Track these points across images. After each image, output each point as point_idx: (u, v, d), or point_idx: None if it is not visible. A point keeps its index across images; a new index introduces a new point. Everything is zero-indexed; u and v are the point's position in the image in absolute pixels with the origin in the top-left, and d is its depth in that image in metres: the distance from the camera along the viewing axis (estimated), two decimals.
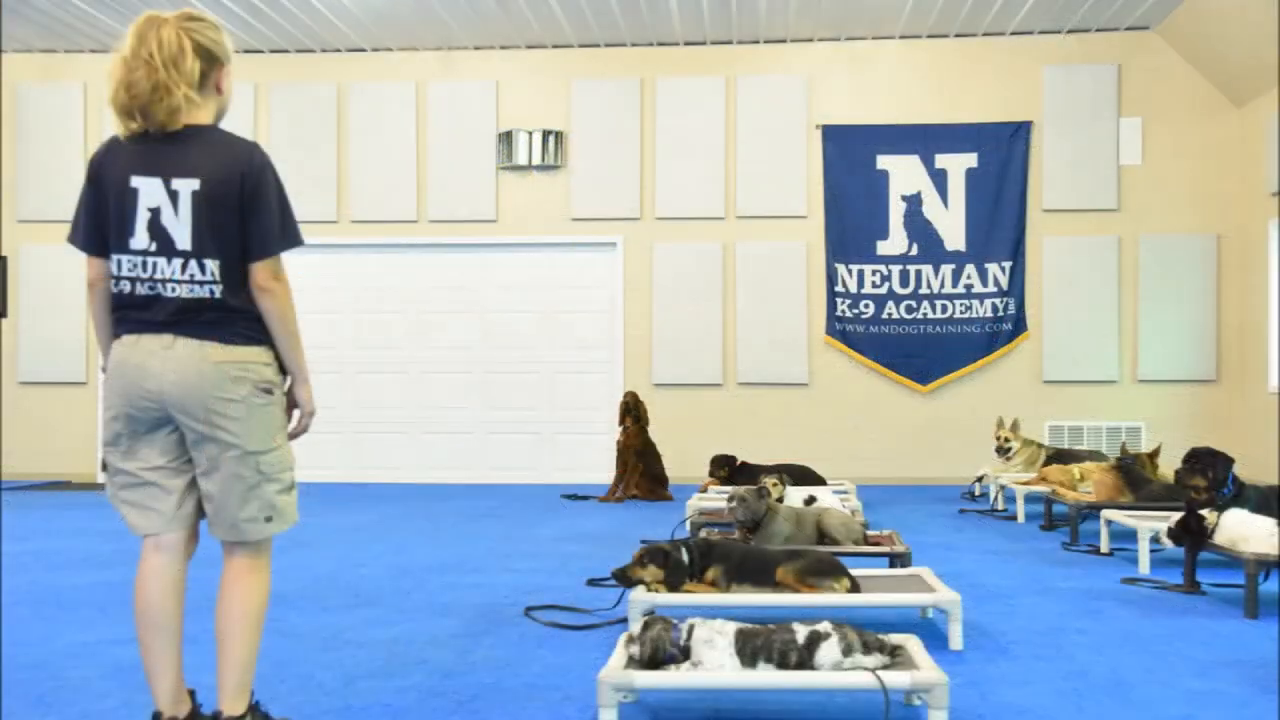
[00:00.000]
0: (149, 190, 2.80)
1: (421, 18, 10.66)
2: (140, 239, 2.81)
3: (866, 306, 11.05)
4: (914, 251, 11.04)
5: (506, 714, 3.40)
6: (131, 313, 2.85)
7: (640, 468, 9.61)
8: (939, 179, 11.03)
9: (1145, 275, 10.90)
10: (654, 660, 3.27)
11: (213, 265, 2.82)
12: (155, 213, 2.80)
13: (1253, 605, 4.76)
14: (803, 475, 8.38)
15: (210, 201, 2.81)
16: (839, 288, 11.08)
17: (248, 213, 2.83)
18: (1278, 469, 9.26)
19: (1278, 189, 9.99)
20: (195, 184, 2.80)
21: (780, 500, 6.40)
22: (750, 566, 4.48)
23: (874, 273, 11.07)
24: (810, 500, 6.44)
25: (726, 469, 8.83)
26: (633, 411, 9.67)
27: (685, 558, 4.47)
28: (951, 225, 11.02)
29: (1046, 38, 11.02)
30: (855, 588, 4.37)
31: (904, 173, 11.06)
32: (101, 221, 2.86)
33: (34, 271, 11.53)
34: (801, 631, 3.25)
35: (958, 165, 11.02)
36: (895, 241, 11.06)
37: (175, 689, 2.92)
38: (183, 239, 2.81)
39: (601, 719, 3.11)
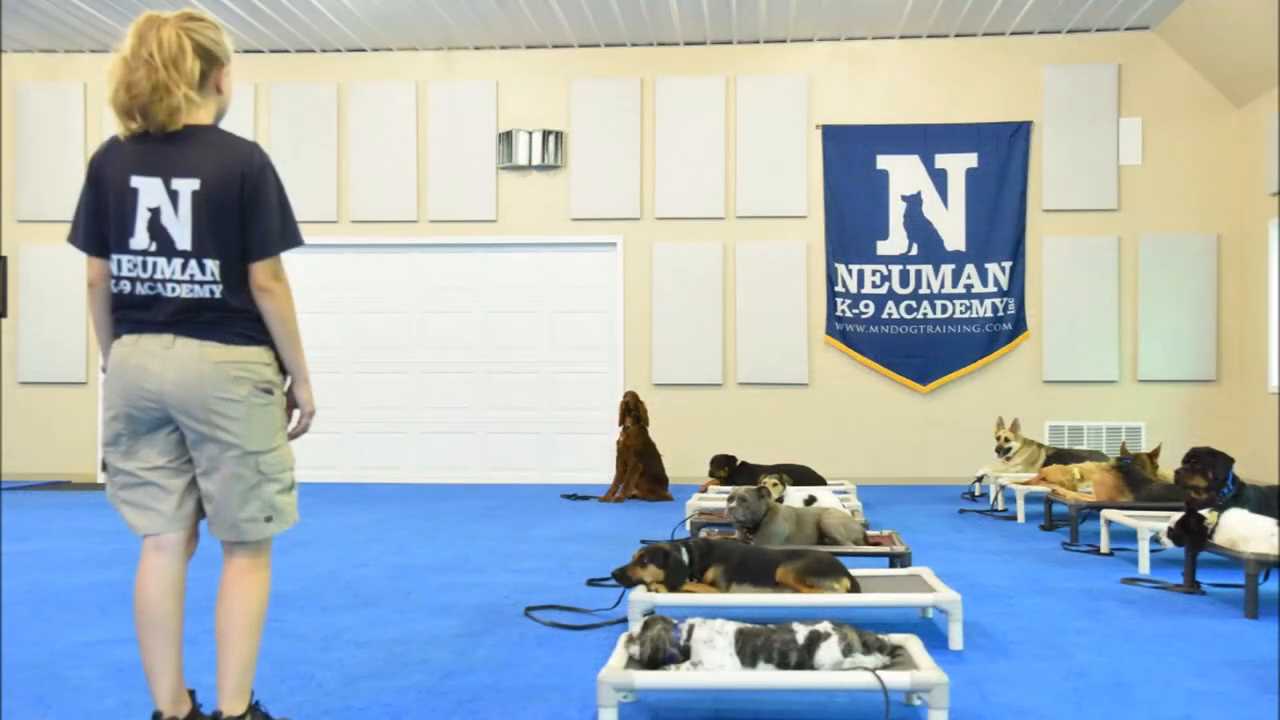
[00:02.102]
0: (149, 190, 2.80)
1: (421, 18, 10.65)
2: (140, 239, 2.81)
3: (866, 306, 11.05)
4: (914, 251, 11.04)
5: (506, 714, 3.40)
6: (131, 313, 2.86)
7: (640, 468, 9.61)
8: (939, 179, 11.03)
9: (1145, 275, 10.90)
10: (654, 660, 3.27)
11: (213, 265, 2.83)
12: (155, 213, 2.80)
13: (1253, 605, 4.76)
14: (803, 475, 8.38)
15: (210, 202, 2.81)
16: (839, 288, 11.08)
17: (248, 213, 2.84)
18: (1278, 469, 9.27)
19: (1278, 189, 9.99)
20: (195, 184, 2.80)
21: (780, 500, 6.40)
22: (750, 566, 4.48)
23: (874, 273, 11.07)
24: (810, 500, 6.44)
25: (726, 469, 8.82)
26: (633, 411, 9.67)
27: (685, 558, 4.47)
28: (951, 225, 11.02)
29: (1046, 38, 11.01)
30: (855, 588, 4.37)
31: (904, 173, 11.06)
32: (101, 221, 2.86)
33: (34, 271, 11.53)
34: (801, 631, 3.25)
35: (958, 165, 11.02)
36: (895, 241, 11.06)
37: (175, 689, 2.92)
38: (183, 239, 2.81)
39: (601, 719, 3.11)
